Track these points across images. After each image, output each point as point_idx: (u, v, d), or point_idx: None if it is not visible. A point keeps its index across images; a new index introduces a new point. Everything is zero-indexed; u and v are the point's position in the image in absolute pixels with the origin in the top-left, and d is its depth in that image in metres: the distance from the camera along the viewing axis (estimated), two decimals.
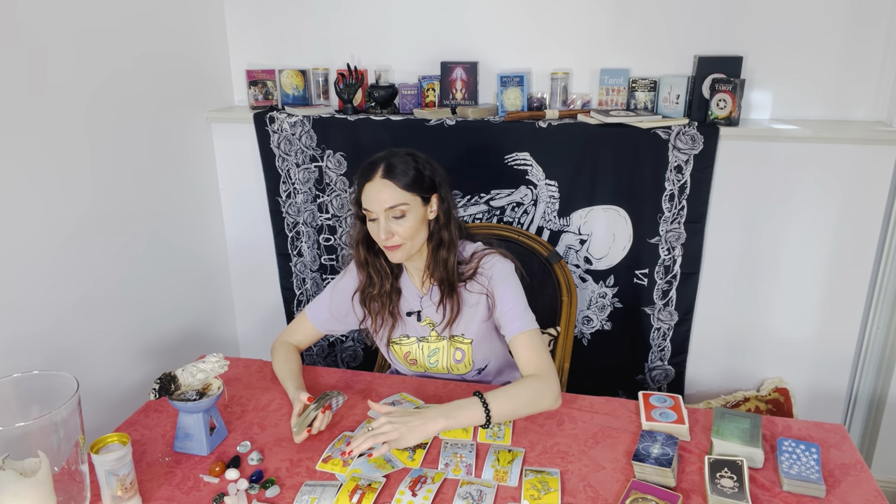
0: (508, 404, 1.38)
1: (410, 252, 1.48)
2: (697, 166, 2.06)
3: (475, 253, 1.56)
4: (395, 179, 1.41)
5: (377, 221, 1.42)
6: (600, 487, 1.23)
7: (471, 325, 1.57)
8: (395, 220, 1.42)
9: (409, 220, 1.43)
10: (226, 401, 1.53)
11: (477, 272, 1.53)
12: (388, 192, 1.40)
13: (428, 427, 1.30)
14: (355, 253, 1.56)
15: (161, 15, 2.12)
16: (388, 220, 1.42)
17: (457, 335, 1.58)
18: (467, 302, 1.56)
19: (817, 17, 1.99)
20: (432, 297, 1.57)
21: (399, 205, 1.41)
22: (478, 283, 1.54)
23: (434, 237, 1.50)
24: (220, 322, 2.61)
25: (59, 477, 1.14)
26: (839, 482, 1.23)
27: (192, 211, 2.37)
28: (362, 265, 1.56)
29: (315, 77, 2.40)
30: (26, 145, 1.68)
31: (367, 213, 1.44)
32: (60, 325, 1.81)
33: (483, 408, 1.34)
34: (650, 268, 2.21)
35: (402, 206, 1.41)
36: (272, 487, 1.24)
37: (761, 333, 2.26)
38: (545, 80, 2.22)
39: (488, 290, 1.53)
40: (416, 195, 1.43)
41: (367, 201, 1.43)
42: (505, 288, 1.50)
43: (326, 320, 1.66)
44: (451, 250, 1.51)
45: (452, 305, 1.54)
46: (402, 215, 1.42)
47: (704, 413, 1.45)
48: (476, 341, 1.58)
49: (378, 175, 1.41)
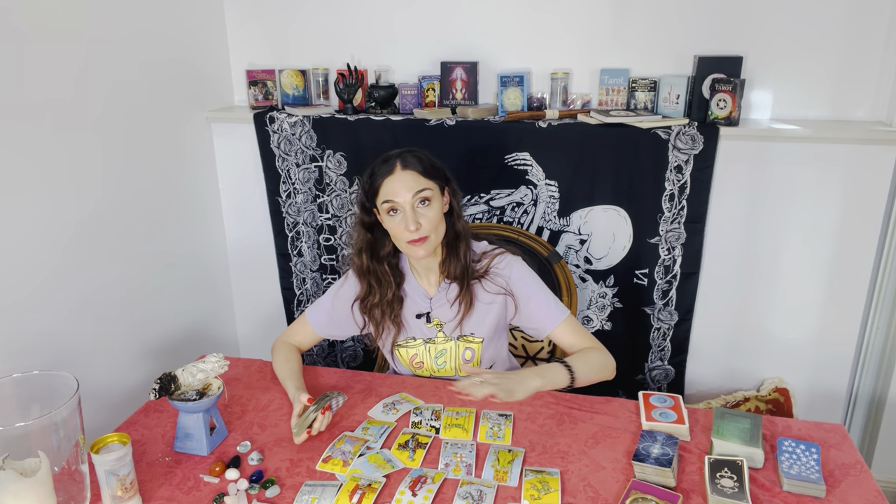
0: (586, 367, 1.45)
1: (434, 245, 1.48)
2: (697, 166, 2.06)
3: (485, 252, 1.57)
4: (415, 168, 1.44)
5: (401, 214, 1.43)
6: (600, 487, 1.23)
7: (482, 325, 1.57)
8: (422, 208, 1.44)
9: (434, 206, 1.45)
10: (226, 401, 1.53)
11: (490, 271, 1.55)
12: (412, 178, 1.43)
13: (529, 383, 1.35)
14: (358, 261, 1.55)
15: (161, 16, 2.12)
16: (415, 209, 1.43)
17: (466, 335, 1.59)
18: (481, 300, 1.56)
19: (817, 17, 1.99)
20: (448, 295, 1.57)
21: (425, 189, 1.43)
22: (493, 284, 1.55)
23: (449, 232, 1.52)
24: (220, 322, 2.61)
25: (59, 477, 1.14)
26: (839, 482, 1.23)
27: (192, 211, 2.37)
28: (363, 274, 1.56)
29: (315, 77, 2.40)
30: (29, 146, 1.68)
31: (391, 205, 1.44)
32: (60, 326, 1.81)
33: (567, 370, 1.41)
34: (650, 268, 2.21)
35: (427, 191, 1.44)
36: (272, 487, 1.24)
37: (761, 333, 2.26)
38: (545, 80, 2.22)
39: (508, 290, 1.54)
40: (436, 182, 1.47)
41: (390, 193, 1.43)
42: (528, 286, 1.55)
43: (326, 325, 1.66)
44: (467, 242, 1.54)
45: (467, 302, 1.54)
46: (429, 201, 1.44)
47: (704, 413, 1.45)
48: (486, 340, 1.59)
49: (398, 168, 1.44)
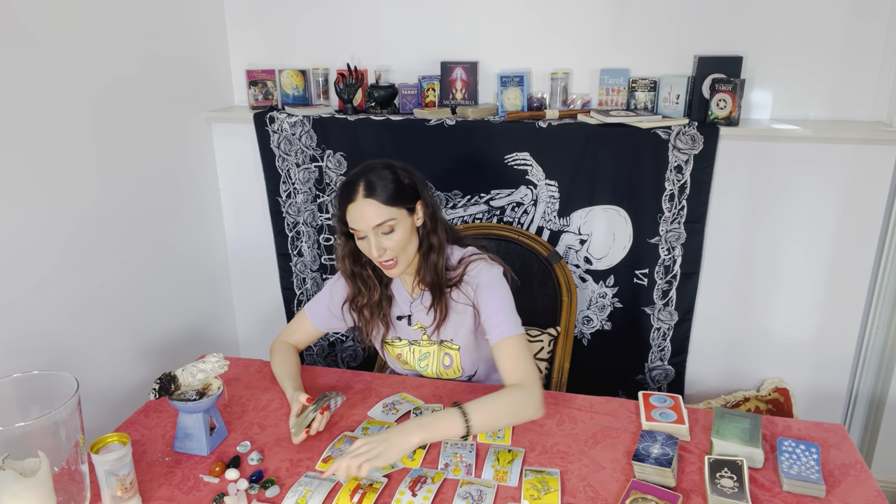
0: (488, 415, 1.33)
1: (407, 264, 1.47)
2: (697, 166, 2.06)
3: (462, 259, 1.54)
4: (376, 196, 1.38)
5: (366, 239, 1.41)
6: (600, 487, 1.23)
7: (459, 333, 1.57)
8: (385, 236, 1.41)
9: (399, 233, 1.41)
10: (226, 401, 1.53)
11: (463, 280, 1.52)
12: (373, 210, 1.38)
13: (407, 441, 1.26)
14: (341, 266, 1.55)
15: (161, 16, 2.12)
16: (378, 236, 1.40)
17: (446, 340, 1.58)
18: (455, 309, 1.55)
19: (817, 16, 1.99)
20: (423, 301, 1.57)
21: (386, 221, 1.39)
22: (463, 294, 1.52)
23: (423, 243, 1.49)
24: (220, 322, 2.61)
25: (59, 477, 1.14)
26: (839, 482, 1.23)
27: (192, 211, 2.37)
28: (350, 277, 1.56)
29: (315, 77, 2.40)
30: (29, 146, 1.68)
31: (356, 233, 1.43)
32: (61, 326, 1.81)
33: (462, 419, 1.30)
34: (650, 268, 2.21)
35: (389, 222, 1.39)
36: (272, 487, 1.24)
37: (761, 333, 2.26)
38: (545, 80, 2.22)
39: (473, 301, 1.51)
40: (401, 208, 1.41)
41: (352, 221, 1.41)
42: (489, 294, 1.47)
43: (326, 318, 1.66)
44: (440, 254, 1.50)
45: (441, 309, 1.53)
46: (391, 230, 1.41)
47: (704, 413, 1.45)
48: (464, 348, 1.58)
49: (360, 195, 1.38)
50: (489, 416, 1.33)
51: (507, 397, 1.37)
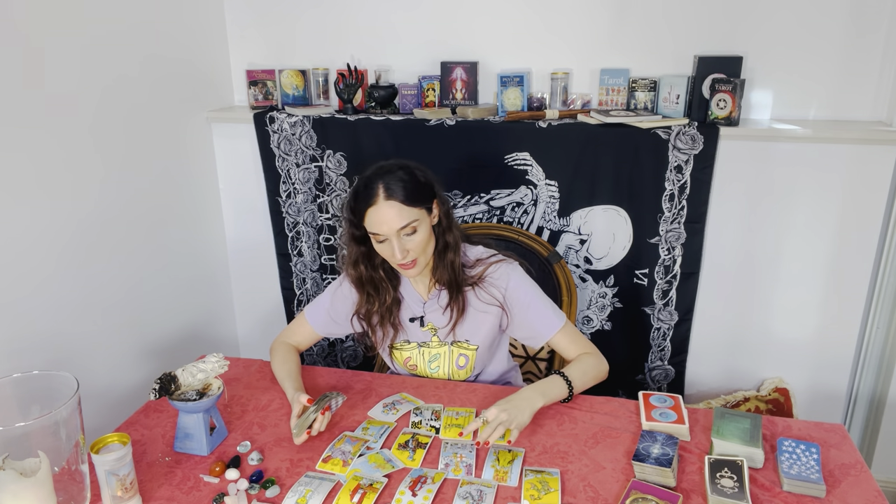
0: (581, 378, 1.49)
1: (425, 264, 1.47)
2: (697, 166, 2.06)
3: (479, 259, 1.55)
4: (398, 198, 1.37)
5: (388, 242, 1.40)
6: (600, 487, 1.23)
7: (478, 333, 1.57)
8: (407, 237, 1.40)
9: (421, 233, 1.41)
10: (226, 401, 1.53)
11: (485, 280, 1.53)
12: (396, 212, 1.37)
13: (533, 404, 1.37)
14: (354, 272, 1.53)
15: (161, 16, 2.12)
16: (401, 238, 1.40)
17: (461, 341, 1.58)
18: (475, 307, 1.55)
19: (817, 17, 1.99)
20: (439, 301, 1.57)
21: (410, 223, 1.39)
22: (487, 293, 1.53)
23: (439, 241, 1.49)
24: (220, 322, 2.61)
25: (59, 477, 1.14)
26: (839, 482, 1.23)
27: (192, 211, 2.37)
28: (361, 284, 1.55)
29: (315, 77, 2.40)
30: (29, 146, 1.68)
31: (375, 237, 1.42)
32: (61, 325, 1.81)
33: (565, 383, 1.45)
34: (650, 268, 2.21)
35: (412, 224, 1.39)
36: (272, 487, 1.24)
37: (761, 333, 2.26)
38: (545, 80, 2.22)
39: (503, 304, 1.53)
40: (421, 208, 1.41)
41: (374, 225, 1.39)
42: (526, 294, 1.53)
43: (325, 323, 1.66)
44: (456, 252, 1.51)
45: (458, 308, 1.53)
46: (414, 231, 1.40)
47: (704, 413, 1.45)
48: (482, 349, 1.58)
49: (380, 198, 1.37)
50: (582, 379, 1.49)
51: (587, 363, 1.52)
